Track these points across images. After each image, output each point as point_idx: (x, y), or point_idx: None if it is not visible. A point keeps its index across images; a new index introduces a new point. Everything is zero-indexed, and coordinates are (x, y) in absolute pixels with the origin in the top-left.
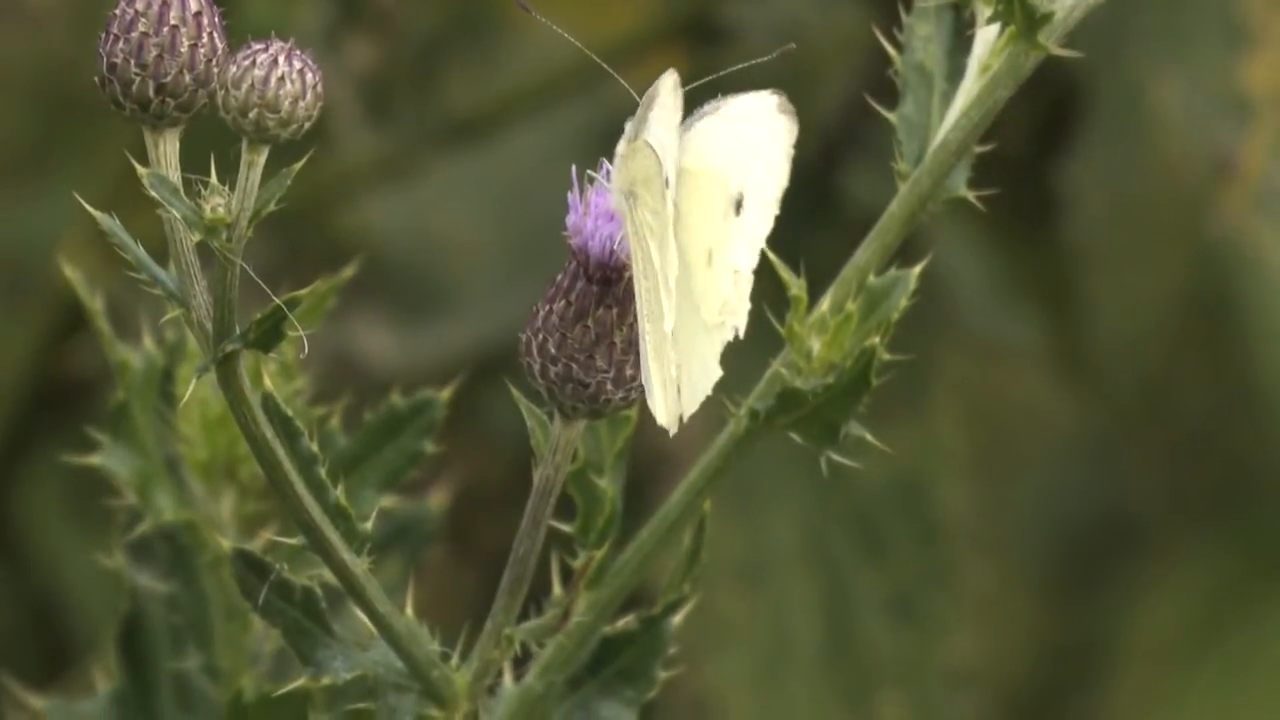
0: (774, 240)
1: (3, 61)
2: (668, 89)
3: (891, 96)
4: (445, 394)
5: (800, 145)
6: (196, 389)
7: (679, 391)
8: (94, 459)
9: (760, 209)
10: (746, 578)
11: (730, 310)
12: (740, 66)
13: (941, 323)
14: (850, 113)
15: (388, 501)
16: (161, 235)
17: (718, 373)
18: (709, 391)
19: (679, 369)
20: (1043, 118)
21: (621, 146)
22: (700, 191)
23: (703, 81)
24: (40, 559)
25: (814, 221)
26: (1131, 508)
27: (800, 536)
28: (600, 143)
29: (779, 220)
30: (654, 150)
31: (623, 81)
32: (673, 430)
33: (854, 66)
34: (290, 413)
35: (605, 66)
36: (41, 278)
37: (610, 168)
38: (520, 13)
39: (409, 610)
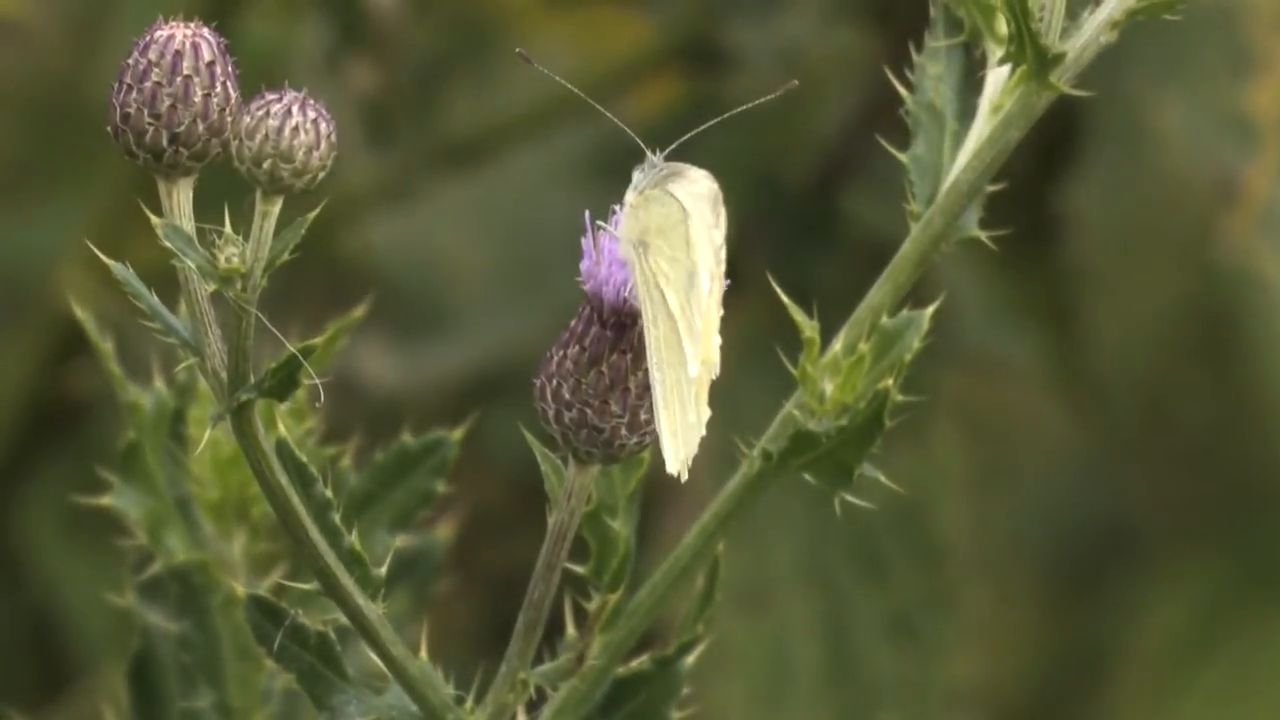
0: (774, 261)
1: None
2: (712, 191)
3: (892, 120)
4: (457, 434)
5: (799, 166)
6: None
7: (695, 437)
8: (105, 500)
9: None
10: (746, 600)
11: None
12: (745, 107)
13: (940, 342)
14: (850, 134)
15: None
16: (162, 260)
17: (708, 413)
18: (704, 432)
19: (698, 414)
20: (1045, 139)
21: (630, 196)
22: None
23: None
24: (38, 578)
25: (813, 243)
26: (1130, 522)
27: (800, 559)
28: (600, 165)
29: (779, 242)
30: (677, 199)
31: (611, 117)
32: (683, 477)
33: (853, 88)
34: (304, 459)
35: (593, 104)
36: (39, 297)
37: (620, 216)
38: (519, 36)
39: (423, 653)
